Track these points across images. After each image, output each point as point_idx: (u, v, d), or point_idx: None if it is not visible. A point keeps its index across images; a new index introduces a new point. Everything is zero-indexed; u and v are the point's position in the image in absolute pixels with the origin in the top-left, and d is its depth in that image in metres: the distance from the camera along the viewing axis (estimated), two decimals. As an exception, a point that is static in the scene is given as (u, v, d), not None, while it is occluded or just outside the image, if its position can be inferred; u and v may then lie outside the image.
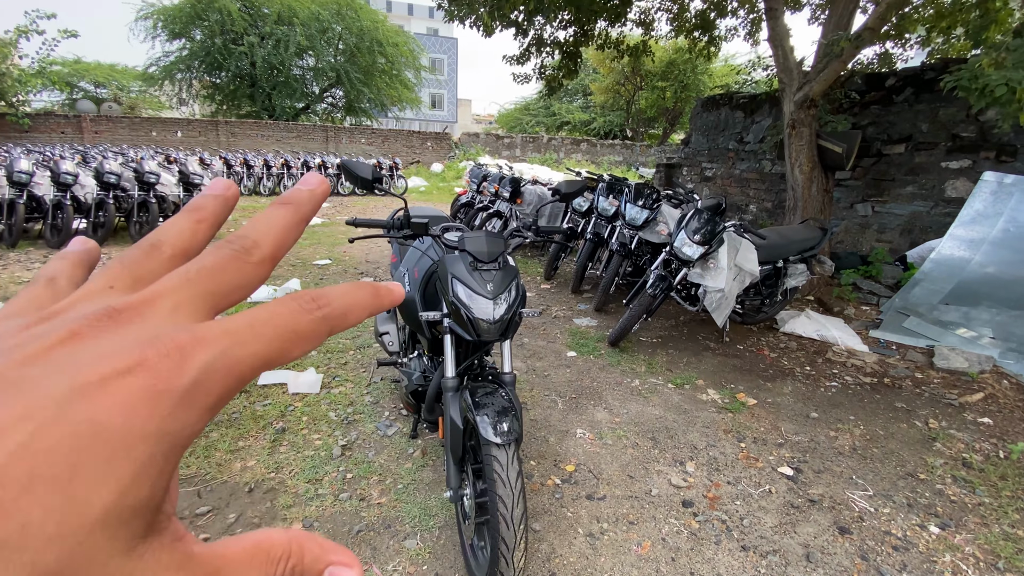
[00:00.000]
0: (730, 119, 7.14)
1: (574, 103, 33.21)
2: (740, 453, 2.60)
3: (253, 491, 2.13)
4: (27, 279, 4.86)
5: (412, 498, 2.13)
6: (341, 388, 3.05)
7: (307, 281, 5.21)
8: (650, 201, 4.56)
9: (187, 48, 19.79)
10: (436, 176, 17.62)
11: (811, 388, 3.41)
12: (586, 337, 4.06)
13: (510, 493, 1.41)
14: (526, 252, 7.08)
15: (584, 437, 2.66)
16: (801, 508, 2.22)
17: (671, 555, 1.91)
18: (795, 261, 4.20)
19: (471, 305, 1.58)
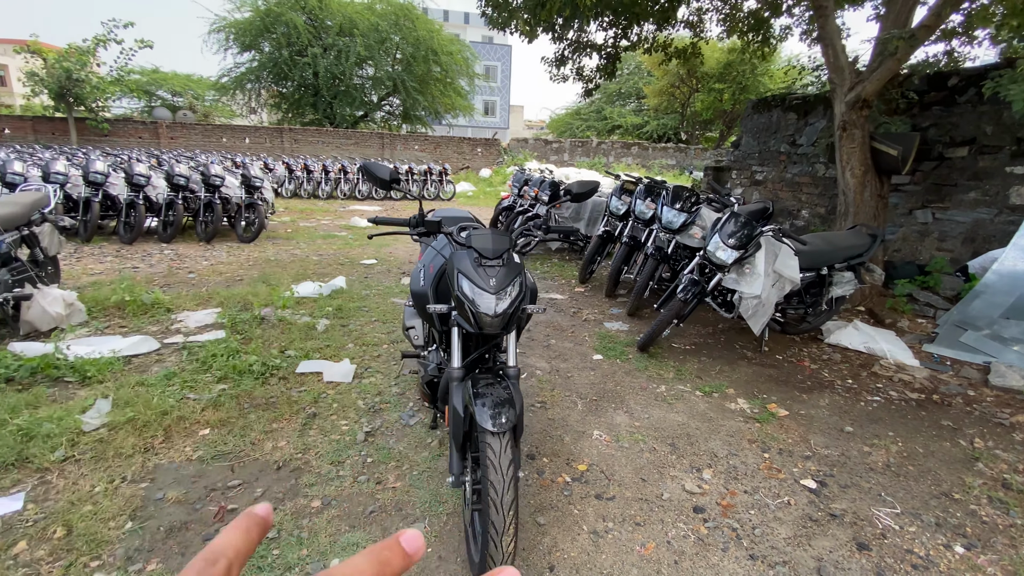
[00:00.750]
0: (782, 121, 6.86)
1: (627, 107, 32.75)
2: (762, 463, 2.53)
3: (281, 469, 2.30)
4: (99, 271, 5.40)
5: (425, 485, 2.23)
6: (371, 379, 3.20)
7: (352, 279, 5.47)
8: (688, 204, 4.49)
9: (256, 59, 21.15)
10: (484, 181, 17.90)
11: (850, 402, 3.24)
12: (615, 341, 4.04)
13: (501, 480, 1.47)
14: (563, 256, 7.10)
15: (600, 439, 2.67)
16: (820, 522, 2.13)
17: (674, 558, 1.90)
18: (841, 269, 4.00)
19: (474, 299, 1.65)
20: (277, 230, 8.32)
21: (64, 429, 2.42)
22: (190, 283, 5.11)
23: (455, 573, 1.78)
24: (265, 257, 6.40)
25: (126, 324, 3.92)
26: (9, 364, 2.96)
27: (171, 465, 2.29)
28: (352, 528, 1.96)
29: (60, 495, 2.06)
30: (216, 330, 3.83)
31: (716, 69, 23.07)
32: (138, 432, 2.47)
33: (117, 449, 2.34)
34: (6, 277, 3.53)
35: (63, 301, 3.76)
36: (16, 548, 1.80)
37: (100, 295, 4.28)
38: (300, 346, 3.58)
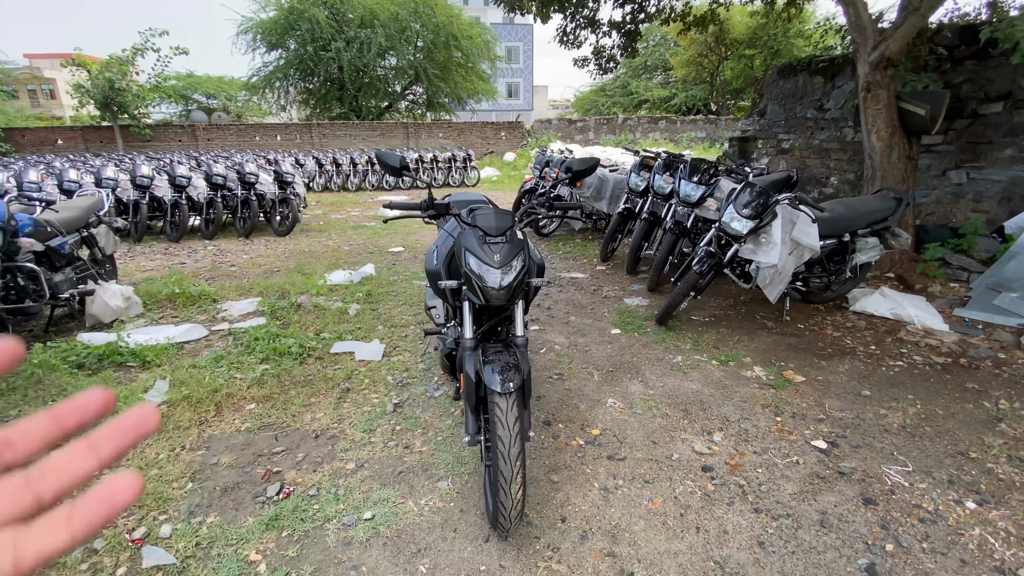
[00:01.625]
0: (808, 85, 6.64)
1: (653, 80, 31.90)
2: (774, 426, 2.60)
3: (319, 437, 2.53)
4: (151, 268, 5.82)
5: (448, 449, 2.41)
6: (400, 357, 3.41)
7: (381, 266, 5.70)
8: (706, 177, 4.47)
9: (283, 58, 21.65)
10: (508, 165, 17.93)
11: (871, 367, 3.24)
12: (634, 316, 4.12)
13: (508, 434, 1.62)
14: (586, 236, 7.15)
15: (614, 406, 2.79)
16: (827, 479, 2.21)
17: (680, 511, 2.02)
18: (865, 235, 3.94)
19: (480, 274, 1.79)
20: (310, 223, 8.66)
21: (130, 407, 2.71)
22: (232, 275, 5.46)
23: (474, 523, 1.96)
24: (300, 249, 6.72)
25: (177, 314, 4.26)
26: (79, 352, 3.31)
27: (223, 435, 2.55)
28: (383, 486, 2.17)
29: (130, 462, 2.35)
30: (257, 317, 4.12)
31: (745, 34, 22.18)
32: (193, 407, 2.75)
33: (176, 422, 2.63)
34: (71, 275, 3.89)
35: (122, 295, 4.12)
36: (98, 504, 2.08)
37: (153, 289, 4.65)
38: (334, 329, 3.82)
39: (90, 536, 0.28)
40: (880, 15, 4.48)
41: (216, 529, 1.94)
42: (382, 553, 1.83)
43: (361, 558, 1.81)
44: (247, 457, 2.38)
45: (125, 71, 17.25)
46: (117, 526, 1.96)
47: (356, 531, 1.92)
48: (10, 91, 27.67)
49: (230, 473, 2.27)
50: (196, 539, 1.89)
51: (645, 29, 6.99)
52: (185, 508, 2.06)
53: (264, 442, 2.49)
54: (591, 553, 1.82)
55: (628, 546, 1.85)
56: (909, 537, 1.88)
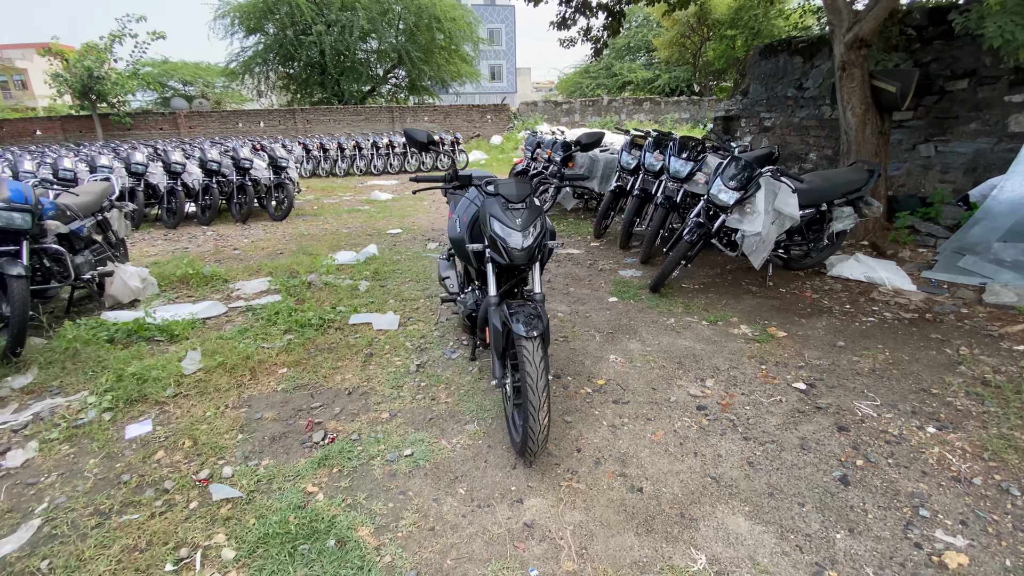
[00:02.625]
0: (788, 66, 6.92)
1: (636, 61, 31.99)
2: (759, 373, 2.91)
3: (351, 394, 2.77)
4: (154, 253, 5.93)
5: (471, 399, 2.67)
6: (415, 326, 3.65)
7: (383, 247, 5.90)
8: (694, 153, 4.74)
9: (262, 42, 21.31)
10: (496, 148, 18.03)
11: (845, 323, 3.57)
12: (629, 285, 4.40)
13: (535, 370, 1.87)
14: (579, 215, 7.40)
15: (616, 361, 3.08)
16: (806, 413, 2.52)
17: (679, 441, 2.32)
18: (840, 204, 4.25)
19: (505, 237, 2.04)
20: (304, 208, 8.77)
21: (169, 374, 2.93)
22: (237, 258, 5.61)
23: (502, 455, 2.23)
24: (299, 232, 6.87)
25: (192, 294, 4.43)
26: (108, 328, 3.49)
27: (261, 395, 2.78)
28: (416, 430, 2.42)
29: (180, 420, 2.57)
30: (272, 295, 4.31)
31: (727, 15, 22.35)
32: (229, 373, 2.96)
33: (215, 386, 2.84)
34: (90, 257, 4.04)
35: (138, 276, 4.27)
36: (157, 455, 2.30)
37: (165, 271, 4.80)
38: (348, 303, 4.04)
39: None
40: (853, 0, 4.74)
41: (272, 469, 2.18)
42: (424, 481, 2.09)
43: (407, 485, 2.07)
44: (288, 412, 2.61)
45: (103, 59, 16.87)
46: (181, 469, 2.20)
47: (399, 465, 2.18)
48: (-23, 81, 26.75)
49: (275, 425, 2.51)
50: (256, 477, 2.13)
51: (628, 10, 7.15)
52: (240, 454, 2.29)
53: (301, 399, 2.73)
54: (605, 474, 2.11)
55: (636, 468, 2.14)
56: (877, 455, 2.20)
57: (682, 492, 2.01)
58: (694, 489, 2.02)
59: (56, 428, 2.51)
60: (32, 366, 3.09)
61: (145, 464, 2.25)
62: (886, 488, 2.01)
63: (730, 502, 1.95)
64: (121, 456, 2.32)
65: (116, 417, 2.61)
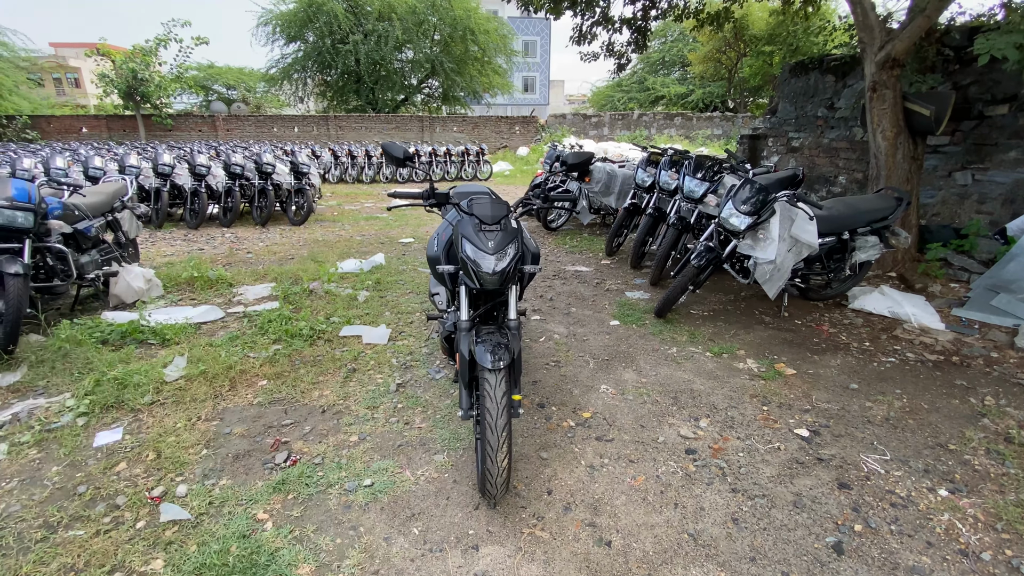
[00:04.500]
0: (820, 84, 6.64)
1: (670, 75, 31.66)
2: (760, 415, 2.69)
3: (325, 412, 2.68)
4: (171, 253, 6.04)
5: (446, 425, 2.55)
6: (404, 341, 3.56)
7: (391, 256, 5.86)
8: (710, 173, 4.54)
9: (301, 50, 21.94)
10: (521, 160, 18.02)
11: (862, 362, 3.31)
12: (634, 309, 4.21)
13: (495, 406, 1.74)
14: (594, 231, 7.24)
15: (607, 392, 2.90)
16: (805, 464, 2.30)
17: (660, 488, 2.13)
18: (864, 233, 3.99)
19: (476, 259, 1.92)
20: (324, 213, 8.86)
21: (150, 380, 2.91)
22: (248, 262, 5.66)
23: (466, 493, 2.09)
24: (314, 238, 6.91)
25: (195, 297, 4.46)
26: (104, 329, 3.51)
27: (236, 408, 2.72)
28: (383, 457, 2.31)
29: (150, 429, 2.53)
30: (271, 301, 4.30)
31: (764, 31, 21.92)
32: (209, 382, 2.92)
33: (193, 395, 2.80)
34: (97, 257, 4.10)
35: (143, 277, 4.32)
36: (118, 467, 2.25)
37: (173, 272, 4.86)
38: (343, 314, 3.98)
39: None
40: (888, 15, 4.49)
41: (228, 491, 2.10)
42: (379, 516, 1.97)
43: (360, 519, 1.95)
44: (258, 428, 2.54)
45: (148, 61, 17.64)
46: (137, 484, 2.14)
47: (356, 496, 2.07)
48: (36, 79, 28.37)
49: (242, 442, 2.43)
50: (209, 498, 2.05)
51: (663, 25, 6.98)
52: (200, 471, 2.22)
53: (274, 415, 2.66)
54: (573, 523, 1.94)
55: (608, 518, 1.97)
56: (879, 519, 1.97)
57: (654, 549, 1.83)
58: (668, 546, 1.84)
59: (29, 431, 2.50)
60: (23, 364, 3.12)
61: (104, 475, 2.20)
62: (884, 560, 1.78)
63: (705, 565, 1.76)
64: (84, 465, 2.28)
65: (90, 423, 2.59)
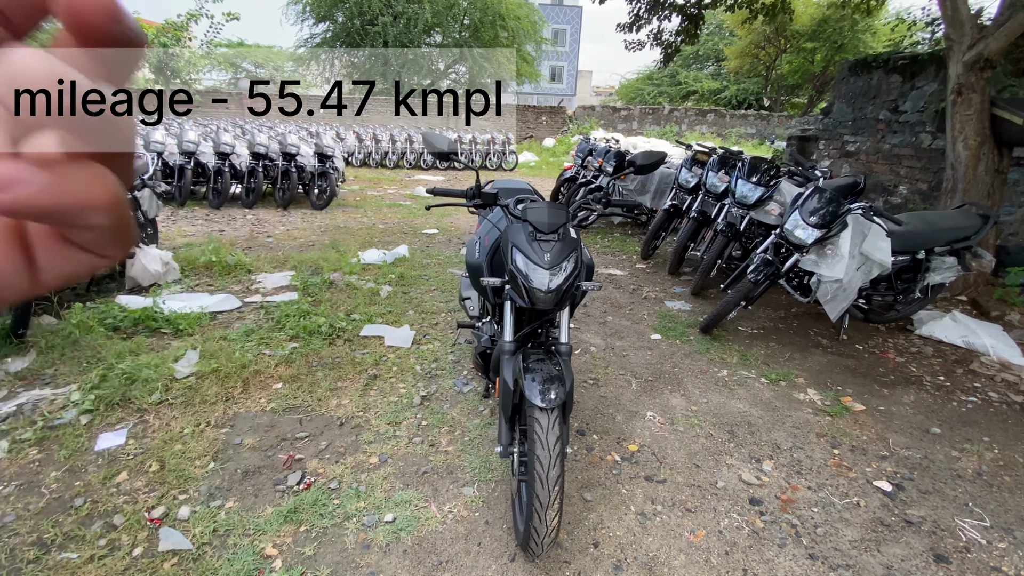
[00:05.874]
0: (883, 84, 6.15)
1: (704, 70, 30.72)
2: (831, 460, 2.37)
3: (343, 425, 2.44)
4: (191, 233, 5.87)
5: (475, 451, 2.28)
6: (429, 345, 3.30)
7: (415, 248, 5.61)
8: (766, 178, 4.17)
9: (330, 30, 21.70)
10: (547, 151, 17.60)
11: (940, 401, 2.95)
12: (676, 321, 3.89)
13: (547, 455, 1.47)
14: (625, 230, 6.88)
15: (654, 420, 2.61)
16: (892, 527, 1.98)
17: (725, 548, 1.84)
18: (942, 253, 3.60)
19: (528, 274, 1.63)
20: (347, 198, 8.65)
21: (160, 375, 2.70)
22: (268, 247, 5.46)
23: (499, 538, 1.83)
24: (335, 224, 6.69)
25: (213, 283, 4.27)
26: (116, 315, 3.32)
27: (248, 414, 2.49)
28: (406, 486, 2.06)
29: (155, 434, 2.31)
30: (290, 292, 4.08)
31: (809, 26, 21.02)
32: (221, 382, 2.70)
33: (203, 396, 2.58)
34: (113, 237, 3.92)
35: (161, 260, 4.14)
36: (119, 477, 2.04)
37: (191, 255, 4.67)
38: (364, 310, 3.74)
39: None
40: (980, 11, 4.03)
41: (234, 516, 1.87)
42: (401, 562, 1.72)
43: (380, 564, 1.70)
44: (270, 440, 2.31)
45: (179, 36, 17.57)
46: (137, 501, 1.92)
47: (376, 534, 1.82)
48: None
49: (252, 456, 2.21)
50: (213, 524, 1.82)
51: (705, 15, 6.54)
52: (205, 489, 2.00)
53: (288, 425, 2.42)
54: (626, 587, 1.67)
55: (667, 583, 1.69)
56: (991, 608, 1.66)
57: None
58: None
59: (32, 427, 2.31)
60: (32, 349, 2.94)
61: (104, 487, 1.99)
62: (1012, 670, 1.47)
63: (789, 657, 1.47)
64: (84, 472, 2.07)
65: (94, 422, 2.39)
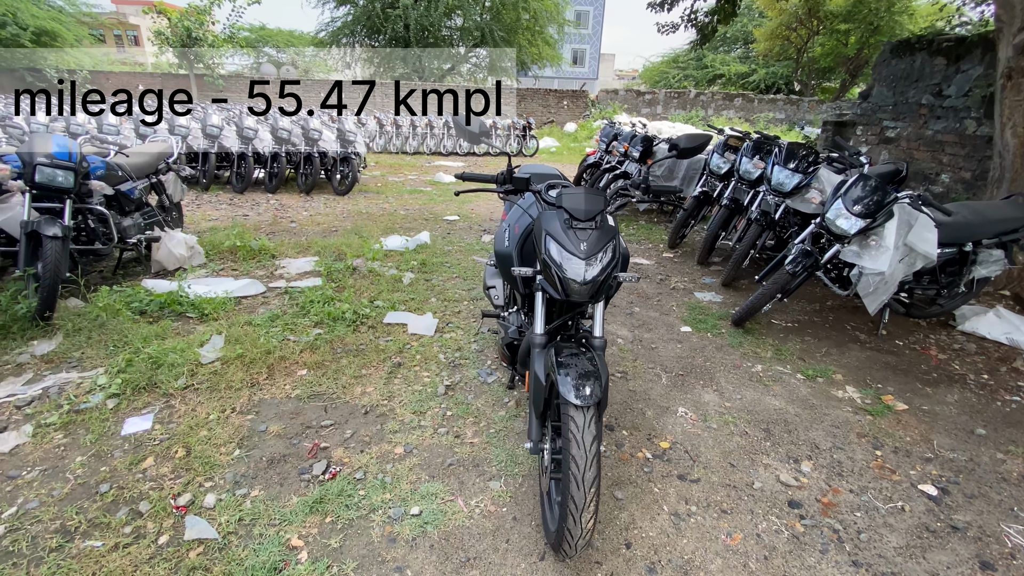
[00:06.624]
0: (927, 67, 5.84)
1: (731, 53, 29.79)
2: (873, 461, 2.27)
3: (368, 414, 2.41)
4: (216, 217, 5.91)
5: (501, 443, 2.24)
6: (452, 334, 3.25)
7: (436, 234, 5.56)
8: (804, 164, 3.99)
9: (351, 14, 21.55)
10: (568, 136, 17.32)
11: (984, 400, 2.81)
12: (706, 313, 3.78)
13: (583, 455, 1.40)
14: (651, 217, 6.72)
15: (686, 416, 2.53)
16: (938, 533, 1.88)
17: (764, 553, 1.77)
18: (989, 246, 3.41)
19: (563, 264, 1.55)
20: (368, 184, 8.63)
21: (185, 360, 2.70)
22: (291, 231, 5.46)
23: (529, 536, 1.78)
24: (357, 210, 6.67)
25: (237, 267, 4.28)
26: (142, 299, 3.34)
27: (273, 400, 2.48)
28: (431, 478, 2.02)
29: (181, 419, 2.31)
30: (314, 277, 4.07)
31: (843, 6, 20.16)
32: (246, 368, 2.70)
33: (228, 382, 2.58)
34: (139, 220, 3.94)
35: (186, 244, 4.16)
36: (145, 463, 2.04)
37: (216, 239, 4.69)
38: (388, 297, 3.71)
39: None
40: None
41: (260, 505, 1.86)
42: (428, 556, 1.68)
43: (407, 559, 1.67)
44: (295, 427, 2.30)
45: (202, 20, 17.65)
46: (163, 488, 1.92)
47: (402, 527, 1.78)
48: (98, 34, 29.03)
49: (277, 443, 2.19)
50: (239, 513, 1.81)
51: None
52: (231, 476, 1.99)
53: (313, 412, 2.40)
54: (660, 591, 1.61)
55: (703, 588, 1.63)
56: (1053, 626, 1.56)
57: (764, 639, 1.48)
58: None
59: (57, 411, 2.33)
60: (59, 332, 2.98)
61: (130, 472, 2.00)
62: None
63: (835, 672, 1.40)
64: (110, 457, 2.08)
65: (120, 406, 2.40)
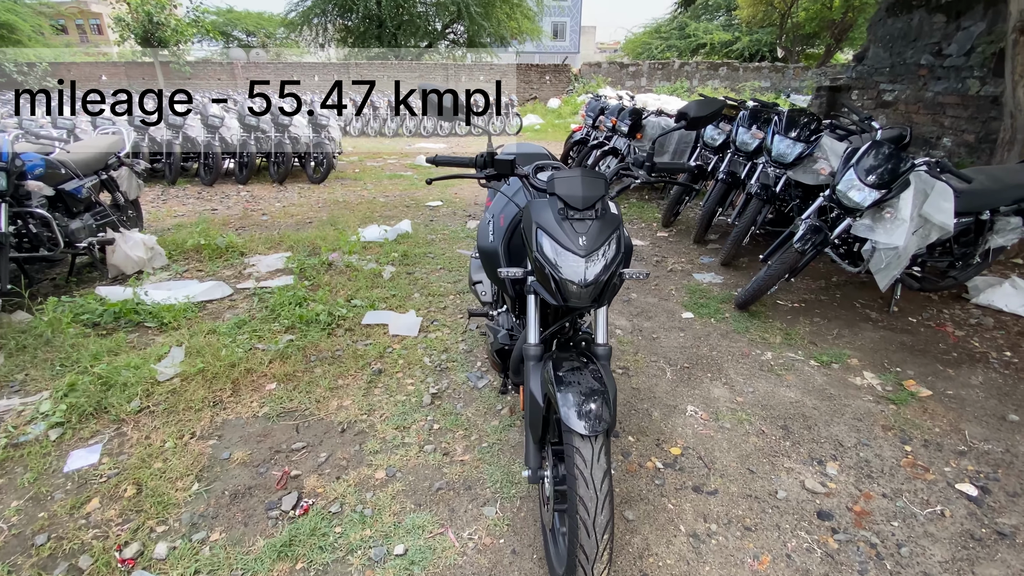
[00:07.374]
0: (925, 25, 5.57)
1: (714, 21, 29.16)
2: (904, 458, 2.07)
3: (345, 432, 2.16)
4: (182, 213, 5.54)
5: (496, 460, 2.00)
6: (438, 333, 2.99)
7: (418, 222, 5.26)
8: (806, 133, 3.73)
9: (322, -9, 20.68)
10: (552, 112, 16.87)
11: (1011, 381, 2.63)
12: (708, 296, 3.55)
13: (593, 496, 1.16)
14: (642, 194, 6.45)
15: (696, 416, 2.31)
16: (984, 542, 1.69)
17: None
18: (1007, 213, 3.20)
19: (558, 263, 1.29)
20: (345, 170, 8.24)
21: (140, 379, 2.42)
22: (263, 225, 5.12)
23: (531, 572, 1.56)
24: (334, 199, 6.33)
25: (203, 268, 3.96)
26: (94, 309, 3.03)
27: (238, 421, 2.22)
28: (418, 506, 1.79)
29: (133, 449, 2.05)
30: (285, 275, 3.77)
31: (828, -31, 19.67)
32: (208, 384, 2.42)
33: (188, 402, 2.31)
34: (90, 222, 3.60)
35: (144, 245, 3.82)
36: (89, 506, 1.78)
37: (179, 238, 4.35)
38: (366, 295, 3.43)
39: None
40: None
41: (220, 552, 1.61)
42: (416, 607, 1.45)
43: (390, 612, 1.44)
44: (263, 453, 2.04)
45: (164, 4, 16.76)
46: (108, 536, 1.66)
47: (384, 570, 1.55)
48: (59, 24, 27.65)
49: (242, 473, 1.94)
50: (195, 565, 1.56)
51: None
52: (187, 518, 1.73)
53: (283, 433, 2.15)
54: (685, 635, 1.40)
55: (734, 628, 1.42)
56: None
57: None
58: None
59: (-8, 445, 2.05)
60: (1, 352, 2.67)
61: (71, 519, 1.73)
62: None
63: None
64: (50, 499, 1.82)
65: (64, 436, 2.12)
